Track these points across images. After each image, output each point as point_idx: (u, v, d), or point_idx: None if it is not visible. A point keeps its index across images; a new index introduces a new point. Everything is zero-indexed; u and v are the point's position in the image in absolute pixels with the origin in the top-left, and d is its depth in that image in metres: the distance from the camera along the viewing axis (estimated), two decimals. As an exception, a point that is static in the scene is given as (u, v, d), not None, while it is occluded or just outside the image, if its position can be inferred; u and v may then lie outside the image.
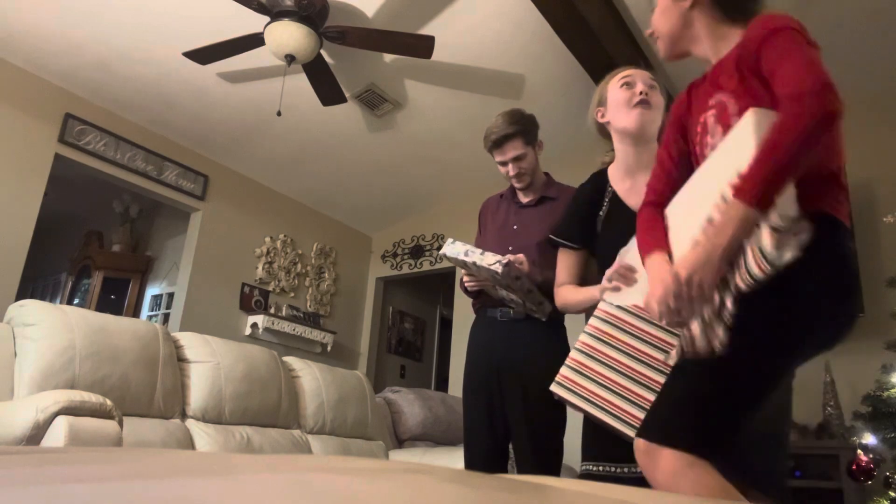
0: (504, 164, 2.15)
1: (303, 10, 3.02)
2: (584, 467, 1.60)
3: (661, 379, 1.33)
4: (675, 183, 1.33)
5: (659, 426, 1.13)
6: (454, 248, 1.97)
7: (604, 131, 1.79)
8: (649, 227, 1.34)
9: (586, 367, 1.44)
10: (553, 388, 1.47)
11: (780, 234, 1.02)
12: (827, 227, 1.10)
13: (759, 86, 1.14)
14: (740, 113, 1.15)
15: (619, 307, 1.46)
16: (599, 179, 1.77)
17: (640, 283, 1.41)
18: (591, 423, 1.55)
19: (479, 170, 4.40)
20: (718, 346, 1.10)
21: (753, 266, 1.05)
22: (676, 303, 1.12)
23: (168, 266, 5.39)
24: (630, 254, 1.46)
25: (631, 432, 1.32)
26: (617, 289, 1.47)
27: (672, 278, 1.12)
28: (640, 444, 1.13)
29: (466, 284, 2.12)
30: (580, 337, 1.49)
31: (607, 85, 1.75)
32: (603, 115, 1.75)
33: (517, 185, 2.20)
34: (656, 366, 1.38)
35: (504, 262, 1.86)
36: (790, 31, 1.11)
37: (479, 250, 1.93)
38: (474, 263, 1.91)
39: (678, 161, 1.36)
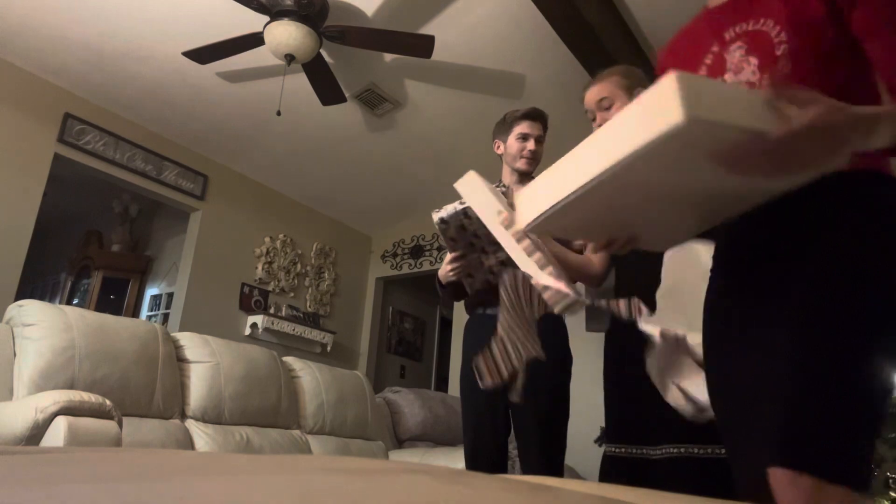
0: (526, 138, 2.11)
1: (302, 10, 3.02)
2: (608, 449, 1.61)
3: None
4: None
5: (828, 454, 0.81)
6: (447, 209, 1.78)
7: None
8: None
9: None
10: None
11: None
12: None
13: (822, 6, 0.96)
14: (790, 40, 0.97)
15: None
16: None
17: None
18: (614, 406, 1.59)
19: (479, 170, 4.39)
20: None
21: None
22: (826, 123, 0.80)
23: (167, 266, 5.39)
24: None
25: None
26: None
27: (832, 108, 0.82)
28: (783, 474, 0.82)
29: (448, 268, 1.90)
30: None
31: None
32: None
33: (525, 168, 2.10)
34: None
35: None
36: None
37: None
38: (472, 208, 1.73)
39: None
